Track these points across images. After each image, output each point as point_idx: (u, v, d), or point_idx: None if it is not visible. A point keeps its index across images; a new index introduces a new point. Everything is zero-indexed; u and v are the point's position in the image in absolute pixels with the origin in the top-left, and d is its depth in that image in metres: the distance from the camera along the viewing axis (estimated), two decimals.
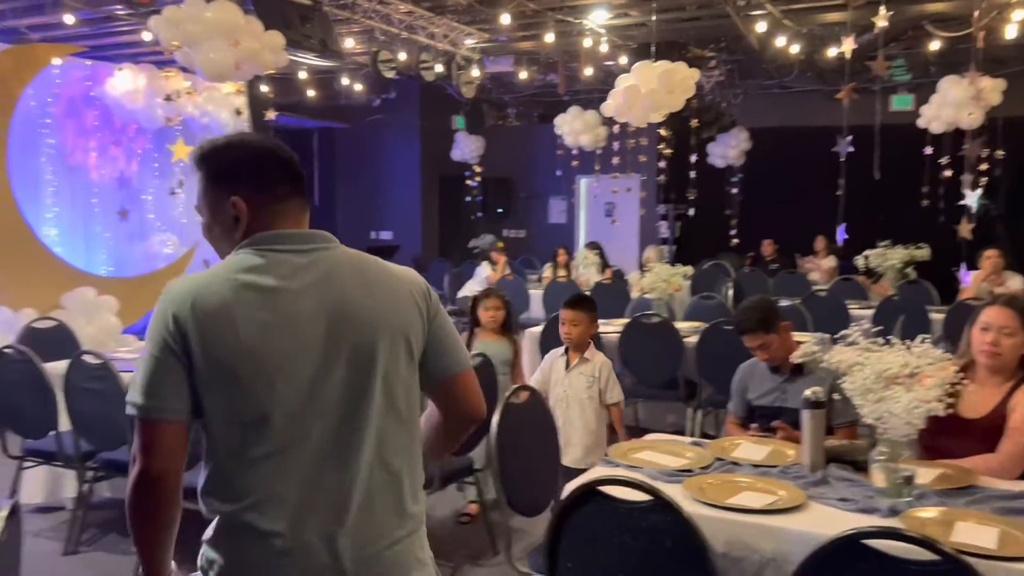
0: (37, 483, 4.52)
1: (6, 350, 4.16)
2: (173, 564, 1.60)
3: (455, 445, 1.83)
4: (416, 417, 1.66)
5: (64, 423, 4.02)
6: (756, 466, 2.70)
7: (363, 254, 1.67)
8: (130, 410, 1.51)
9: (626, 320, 5.79)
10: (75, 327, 5.53)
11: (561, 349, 4.06)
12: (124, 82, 7.68)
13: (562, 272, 9.09)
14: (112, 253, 8.04)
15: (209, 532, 1.57)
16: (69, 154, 7.70)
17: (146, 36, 6.23)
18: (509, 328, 4.59)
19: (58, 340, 5.09)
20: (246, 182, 1.62)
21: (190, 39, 5.15)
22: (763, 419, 3.30)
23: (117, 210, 7.98)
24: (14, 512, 1.85)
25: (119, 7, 6.29)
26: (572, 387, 3.90)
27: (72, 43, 7.39)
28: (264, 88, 8.31)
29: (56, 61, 7.39)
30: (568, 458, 3.63)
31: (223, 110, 8.65)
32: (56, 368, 4.07)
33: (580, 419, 3.85)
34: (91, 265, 7.81)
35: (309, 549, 1.51)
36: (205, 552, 1.57)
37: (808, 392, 2.65)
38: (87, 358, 3.92)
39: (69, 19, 6.35)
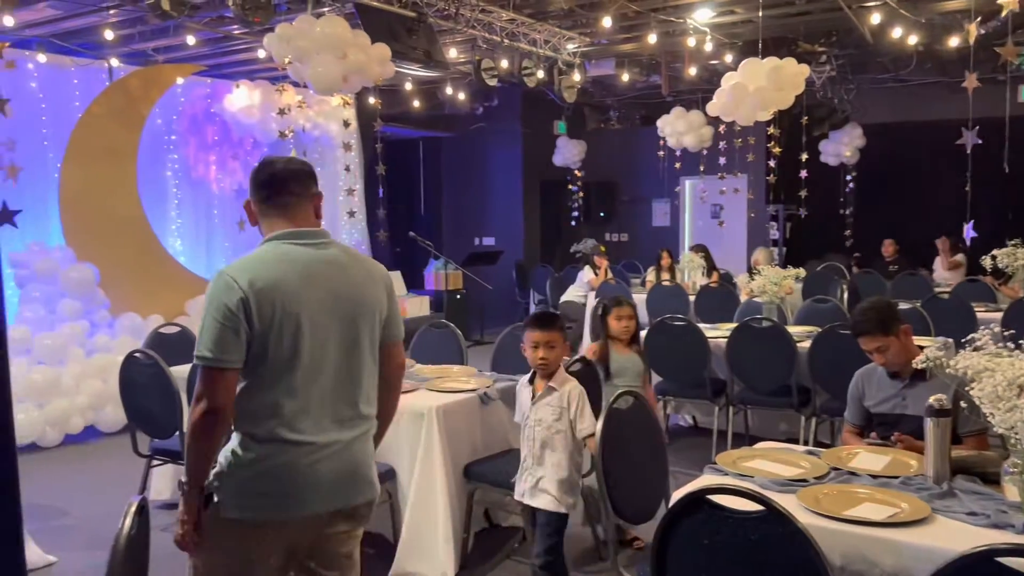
0: (164, 480, 4.78)
1: (136, 354, 4.41)
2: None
3: (396, 394, 2.46)
4: (378, 364, 2.33)
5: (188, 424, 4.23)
6: (875, 477, 2.58)
7: (352, 249, 2.37)
8: (198, 361, 2.08)
9: (734, 324, 5.64)
10: (197, 332, 5.79)
11: (526, 377, 3.42)
12: (241, 98, 8.06)
13: (666, 275, 8.96)
14: (231, 262, 8.42)
15: (234, 442, 2.14)
16: (192, 168, 8.13)
17: (261, 53, 6.51)
18: (638, 339, 4.33)
19: (182, 345, 5.34)
20: (252, 192, 2.34)
21: (301, 54, 5.34)
22: (882, 427, 3.16)
23: (236, 221, 8.36)
24: (143, 508, 1.95)
25: (236, 27, 6.60)
26: (538, 421, 3.25)
27: (193, 63, 7.80)
28: (371, 100, 8.54)
29: (179, 80, 7.82)
30: (540, 501, 3.22)
31: (332, 122, 8.95)
32: (180, 371, 4.29)
33: (550, 458, 3.23)
34: (212, 273, 8.15)
35: (326, 451, 2.16)
36: (234, 454, 2.12)
37: (932, 399, 2.52)
38: None
39: (191, 40, 6.71)
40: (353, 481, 2.23)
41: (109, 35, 6.48)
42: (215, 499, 2.12)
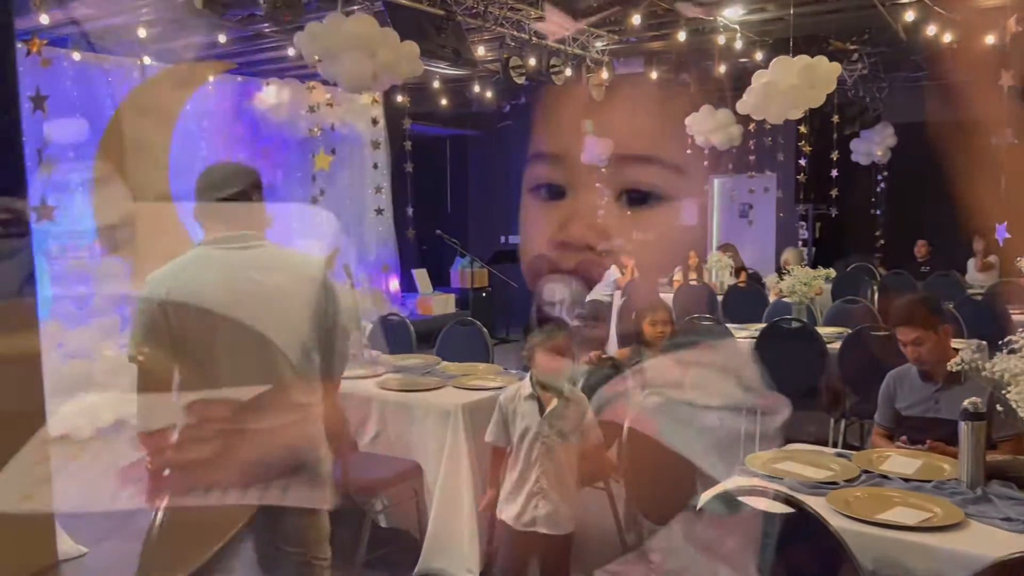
0: None
1: None
2: None
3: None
4: (313, 366, 2.41)
5: None
6: (907, 480, 2.55)
7: (285, 249, 2.47)
8: (129, 360, 2.23)
9: (763, 325, 5.59)
10: None
11: (524, 390, 3.08)
12: (271, 96, 8.12)
13: (693, 275, 8.90)
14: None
15: (180, 434, 2.26)
16: None
17: (291, 52, 6.55)
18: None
19: None
20: (196, 196, 2.43)
21: (330, 53, 5.37)
22: (913, 430, 3.10)
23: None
24: None
25: (266, 25, 6.65)
26: (553, 435, 2.98)
27: (224, 61, 7.87)
28: (400, 98, 8.56)
29: (210, 78, 7.90)
30: (561, 526, 2.97)
31: (361, 120, 8.99)
32: None
33: (564, 474, 2.98)
34: None
35: (262, 437, 2.25)
36: (179, 444, 2.25)
37: (967, 403, 2.47)
38: None
39: (222, 38, 6.77)
40: (289, 462, 2.32)
41: (142, 33, 6.55)
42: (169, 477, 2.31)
